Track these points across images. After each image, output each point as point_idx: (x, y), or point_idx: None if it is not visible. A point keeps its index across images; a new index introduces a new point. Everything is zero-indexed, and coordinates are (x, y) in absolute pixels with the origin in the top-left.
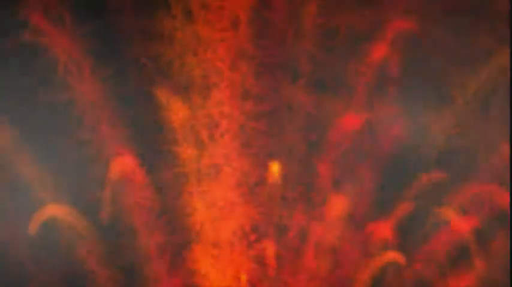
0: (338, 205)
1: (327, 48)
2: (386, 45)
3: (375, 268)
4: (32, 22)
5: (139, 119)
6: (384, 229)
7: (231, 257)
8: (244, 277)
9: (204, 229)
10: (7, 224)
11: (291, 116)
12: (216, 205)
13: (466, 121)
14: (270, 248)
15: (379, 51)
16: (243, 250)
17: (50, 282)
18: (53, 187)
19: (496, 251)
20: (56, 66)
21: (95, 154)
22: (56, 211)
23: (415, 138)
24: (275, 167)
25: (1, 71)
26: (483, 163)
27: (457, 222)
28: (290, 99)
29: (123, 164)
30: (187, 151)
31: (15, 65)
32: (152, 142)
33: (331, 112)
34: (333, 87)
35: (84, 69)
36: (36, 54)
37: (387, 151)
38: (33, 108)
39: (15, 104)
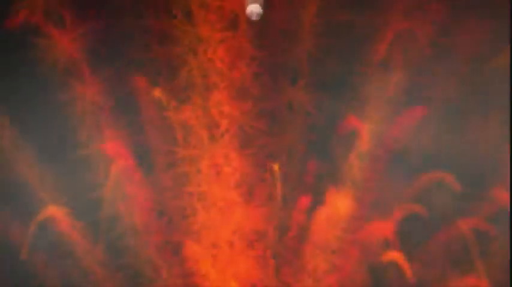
0: (338, 205)
1: (327, 48)
2: (387, 46)
3: (375, 268)
4: (32, 22)
5: (139, 119)
6: (384, 229)
7: (231, 257)
8: (243, 277)
9: (204, 229)
10: (7, 224)
11: (291, 116)
12: (216, 205)
13: (466, 121)
14: (270, 248)
15: (380, 51)
16: (243, 250)
17: (49, 282)
18: (53, 187)
19: (496, 251)
20: (56, 66)
21: (95, 154)
22: (55, 211)
23: (415, 138)
24: (275, 167)
25: (1, 71)
26: (483, 163)
27: (457, 222)
28: (290, 99)
29: (123, 164)
30: (187, 151)
31: (15, 65)
32: (152, 142)
33: (331, 112)
34: (333, 87)
35: (84, 69)
36: (37, 54)
37: (387, 151)
38: (33, 108)
39: (15, 104)
